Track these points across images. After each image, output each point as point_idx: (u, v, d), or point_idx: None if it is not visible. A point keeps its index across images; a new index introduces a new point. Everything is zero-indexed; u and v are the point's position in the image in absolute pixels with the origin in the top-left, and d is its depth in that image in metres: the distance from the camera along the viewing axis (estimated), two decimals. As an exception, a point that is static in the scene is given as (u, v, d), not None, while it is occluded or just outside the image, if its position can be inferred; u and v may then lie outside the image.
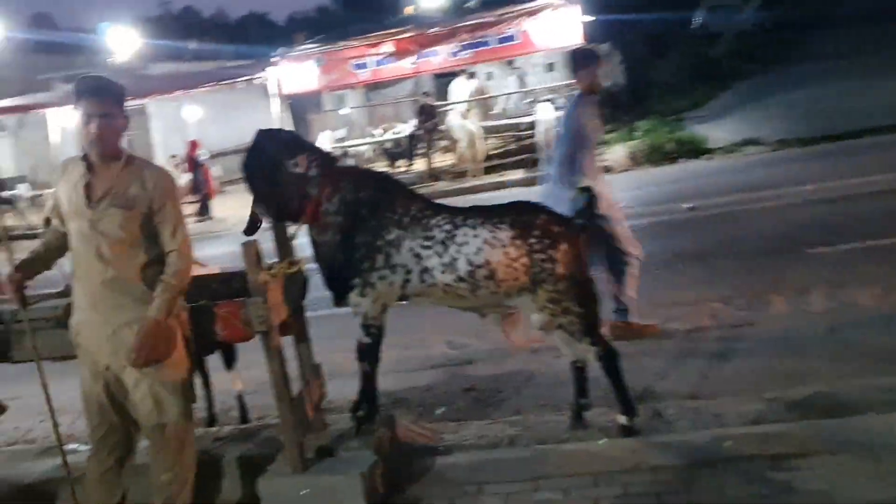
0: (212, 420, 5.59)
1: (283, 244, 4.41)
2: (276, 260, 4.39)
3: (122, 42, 33.22)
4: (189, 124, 23.62)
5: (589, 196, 4.63)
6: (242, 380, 5.80)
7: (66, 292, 4.12)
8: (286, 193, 4.38)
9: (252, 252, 3.83)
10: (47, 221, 3.95)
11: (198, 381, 5.51)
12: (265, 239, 4.36)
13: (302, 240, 4.60)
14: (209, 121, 24.18)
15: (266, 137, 4.50)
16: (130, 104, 23.17)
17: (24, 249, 4.04)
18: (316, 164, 4.40)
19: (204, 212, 19.37)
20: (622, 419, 4.58)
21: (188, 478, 3.84)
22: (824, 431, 4.33)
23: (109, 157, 3.72)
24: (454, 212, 4.45)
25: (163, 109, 24.18)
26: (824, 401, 4.81)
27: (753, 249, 8.79)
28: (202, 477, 4.18)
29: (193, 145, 20.60)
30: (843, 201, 10.27)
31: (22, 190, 19.62)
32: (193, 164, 20.17)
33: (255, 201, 4.45)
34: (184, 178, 20.16)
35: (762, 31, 32.99)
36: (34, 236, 4.37)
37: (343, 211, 4.36)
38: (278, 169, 4.38)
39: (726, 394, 5.22)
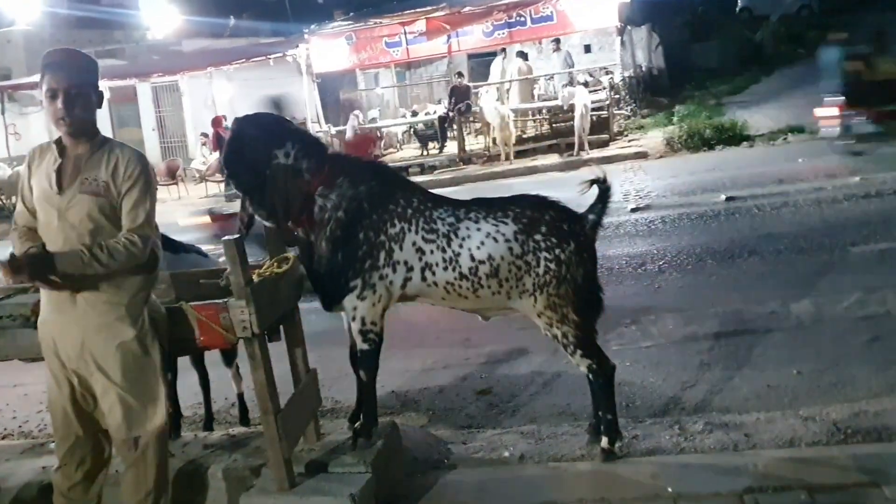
0: (209, 421, 5.26)
1: (276, 241, 4.02)
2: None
3: (160, 18, 33.14)
4: (220, 102, 23.33)
5: (602, 188, 4.15)
6: (245, 374, 5.50)
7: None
8: (277, 189, 3.92)
9: (235, 250, 3.46)
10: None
11: (194, 380, 5.24)
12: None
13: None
14: (240, 98, 23.79)
15: (247, 124, 4.01)
16: (163, 80, 23.03)
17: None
18: (304, 155, 3.97)
19: (231, 191, 18.94)
20: (605, 443, 4.21)
21: (162, 497, 3.49)
22: (867, 458, 3.95)
23: (81, 138, 3.39)
24: (456, 204, 4.10)
25: (195, 87, 23.91)
26: (867, 422, 4.43)
27: (792, 246, 8.31)
28: (184, 489, 3.89)
29: (218, 121, 19.66)
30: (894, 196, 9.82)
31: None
32: (219, 142, 19.45)
33: (244, 201, 4.04)
34: (213, 157, 19.84)
35: (809, 14, 32.40)
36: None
37: (342, 206, 3.95)
38: (265, 160, 3.91)
39: (759, 408, 4.85)
